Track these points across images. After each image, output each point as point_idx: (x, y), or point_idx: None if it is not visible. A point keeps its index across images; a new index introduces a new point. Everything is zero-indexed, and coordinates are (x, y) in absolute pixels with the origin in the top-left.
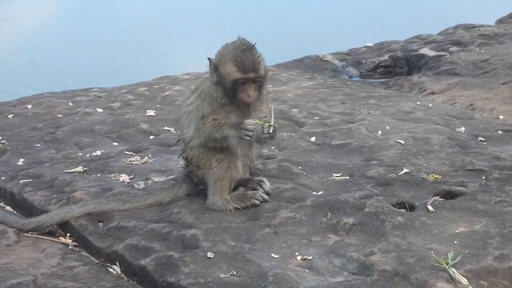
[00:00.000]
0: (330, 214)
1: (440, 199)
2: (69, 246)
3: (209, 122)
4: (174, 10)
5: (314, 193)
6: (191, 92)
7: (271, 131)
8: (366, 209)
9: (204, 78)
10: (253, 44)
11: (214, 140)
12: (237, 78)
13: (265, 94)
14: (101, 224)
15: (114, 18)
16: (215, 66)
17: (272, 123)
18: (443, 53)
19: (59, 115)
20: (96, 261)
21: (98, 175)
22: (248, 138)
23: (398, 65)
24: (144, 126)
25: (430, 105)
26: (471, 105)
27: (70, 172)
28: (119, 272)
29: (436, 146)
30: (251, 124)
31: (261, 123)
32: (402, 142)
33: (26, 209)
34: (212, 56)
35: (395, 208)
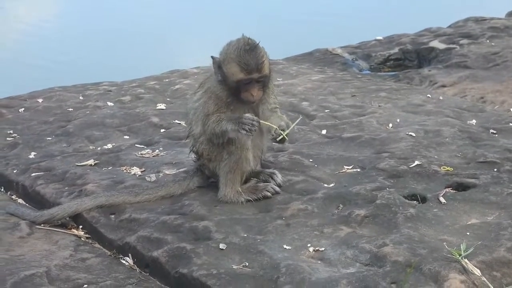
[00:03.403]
0: (341, 206)
1: (452, 191)
2: (82, 238)
3: (212, 119)
4: (183, 3)
5: (325, 185)
6: (198, 86)
7: (277, 139)
8: (377, 201)
9: (210, 73)
10: (256, 43)
11: (216, 136)
12: (241, 79)
13: (271, 88)
14: (113, 216)
15: (123, 11)
16: (218, 65)
17: (285, 133)
18: (454, 46)
19: (70, 109)
20: (109, 253)
21: (109, 168)
22: (245, 132)
23: (408, 58)
24: (155, 119)
25: (441, 97)
26: (482, 97)
27: (82, 165)
28: (132, 263)
29: (447, 139)
30: (250, 118)
31: (266, 123)
32: (413, 134)
33: (38, 201)
34: (217, 54)
35: (406, 200)
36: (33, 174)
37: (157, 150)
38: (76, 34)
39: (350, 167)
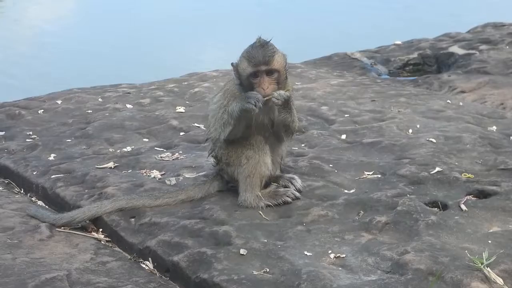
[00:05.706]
0: (362, 212)
1: (473, 198)
2: (102, 242)
3: (221, 112)
4: (202, 7)
5: (346, 191)
6: (219, 89)
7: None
8: (398, 208)
9: (230, 77)
10: (267, 40)
11: (225, 124)
12: (250, 73)
13: (290, 92)
14: (133, 219)
15: (143, 13)
16: (235, 68)
17: (269, 97)
18: (473, 51)
19: (89, 111)
20: (129, 257)
21: (129, 171)
22: (251, 105)
23: (427, 63)
24: (174, 122)
25: (461, 103)
26: (502, 104)
27: (101, 168)
28: (152, 268)
29: (468, 145)
30: (254, 93)
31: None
32: (434, 140)
33: (58, 204)
34: (236, 58)
35: (428, 207)
36: (53, 176)
37: (176, 154)
38: (95, 36)
39: (371, 173)
